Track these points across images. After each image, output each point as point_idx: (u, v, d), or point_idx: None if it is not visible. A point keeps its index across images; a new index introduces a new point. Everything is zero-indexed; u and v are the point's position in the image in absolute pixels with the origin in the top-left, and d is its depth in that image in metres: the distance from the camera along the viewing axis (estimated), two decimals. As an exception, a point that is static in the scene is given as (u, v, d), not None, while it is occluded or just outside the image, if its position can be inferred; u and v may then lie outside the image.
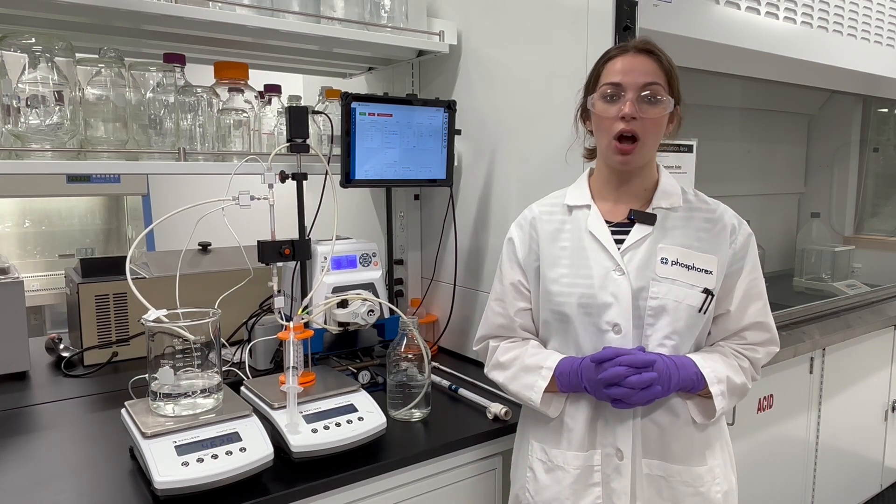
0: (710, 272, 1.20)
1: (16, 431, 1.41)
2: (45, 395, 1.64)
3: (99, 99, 1.41)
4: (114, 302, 1.84)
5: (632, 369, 1.12)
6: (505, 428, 1.43)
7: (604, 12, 1.44)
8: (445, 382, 1.66)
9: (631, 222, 1.24)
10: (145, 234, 1.51)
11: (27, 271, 3.17)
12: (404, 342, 1.46)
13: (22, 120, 1.29)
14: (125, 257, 1.30)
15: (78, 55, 1.39)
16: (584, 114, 1.28)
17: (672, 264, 1.20)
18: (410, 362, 1.44)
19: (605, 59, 1.22)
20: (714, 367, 1.19)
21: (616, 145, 1.18)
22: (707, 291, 1.20)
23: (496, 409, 1.45)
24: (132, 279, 1.22)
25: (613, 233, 1.24)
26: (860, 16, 2.37)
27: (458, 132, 1.80)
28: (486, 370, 1.35)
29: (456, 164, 1.88)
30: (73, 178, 2.94)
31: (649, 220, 1.23)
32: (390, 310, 1.57)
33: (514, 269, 1.32)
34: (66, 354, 1.87)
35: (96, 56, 1.46)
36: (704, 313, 1.20)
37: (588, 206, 1.27)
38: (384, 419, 1.31)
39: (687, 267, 1.20)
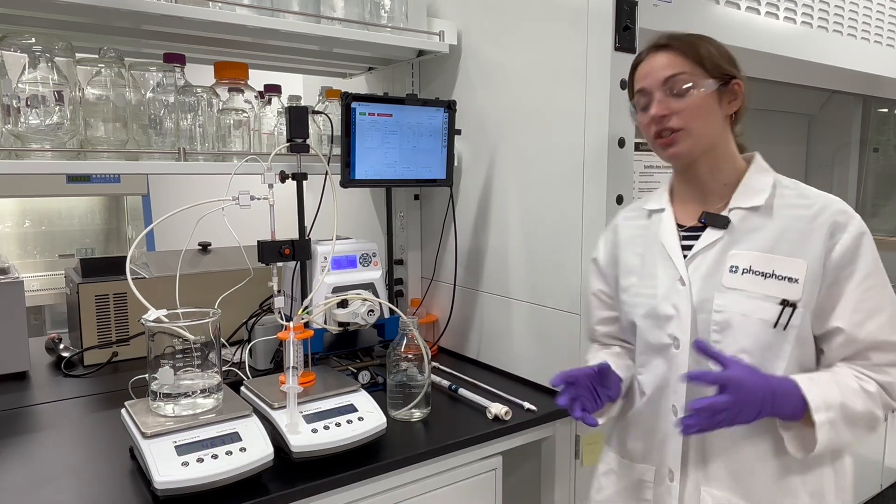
0: (796, 280, 1.03)
1: (16, 431, 1.41)
2: (45, 395, 1.64)
3: (99, 99, 1.41)
4: (114, 302, 1.84)
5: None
6: (505, 428, 1.43)
7: (604, 12, 1.44)
8: (445, 382, 1.66)
9: (704, 226, 1.13)
10: (145, 234, 1.51)
11: (27, 271, 3.17)
12: (404, 342, 1.45)
13: (22, 120, 1.29)
14: (125, 257, 1.30)
15: (78, 55, 1.39)
16: None
17: (744, 273, 1.07)
18: (410, 362, 1.44)
19: (633, 66, 1.19)
20: (823, 391, 0.99)
21: (659, 142, 1.13)
22: (786, 303, 1.03)
23: (496, 409, 1.45)
24: (132, 279, 1.22)
25: (686, 237, 1.15)
26: (860, 16, 2.37)
27: (458, 132, 1.80)
28: None
29: (456, 164, 1.88)
30: (73, 178, 2.93)
31: (721, 223, 1.11)
32: (390, 310, 1.57)
33: (596, 278, 1.32)
34: (66, 354, 1.86)
35: (96, 56, 1.46)
36: (784, 329, 1.03)
37: (663, 210, 1.20)
38: (384, 419, 1.31)
39: (764, 275, 1.05)
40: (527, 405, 1.50)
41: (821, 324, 1.05)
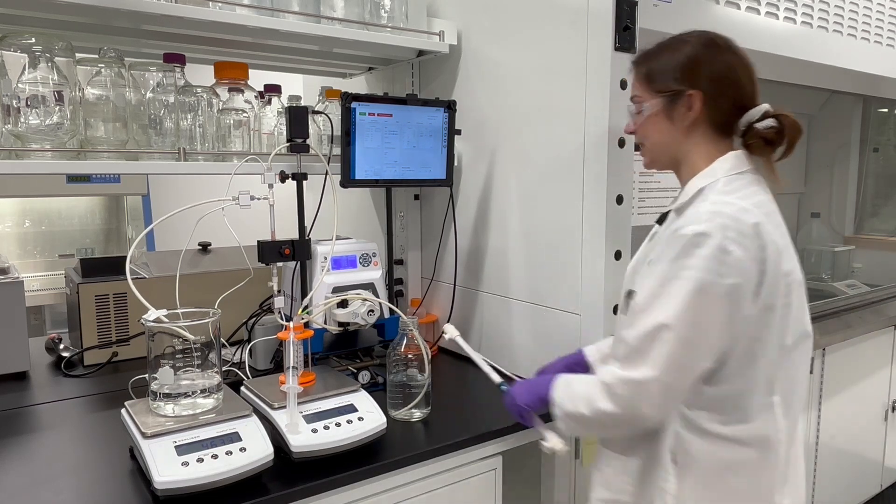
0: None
1: (16, 431, 1.41)
2: (45, 395, 1.64)
3: (99, 99, 1.41)
4: (114, 302, 1.84)
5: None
6: (505, 428, 1.43)
7: (604, 12, 1.44)
8: (496, 378, 1.44)
9: None
10: (145, 234, 1.51)
11: (27, 271, 3.17)
12: (404, 342, 1.45)
13: (22, 120, 1.29)
14: (125, 257, 1.30)
15: (78, 55, 1.39)
16: None
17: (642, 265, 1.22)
18: (410, 362, 1.44)
19: None
20: (567, 394, 1.18)
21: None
22: (631, 293, 1.16)
23: (554, 442, 1.27)
24: (132, 279, 1.22)
25: None
26: (860, 16, 2.37)
27: (458, 132, 1.80)
28: None
29: (456, 164, 1.88)
30: (73, 178, 2.94)
31: (661, 220, 1.25)
32: (390, 310, 1.57)
33: None
34: (66, 354, 1.86)
35: (96, 56, 1.46)
36: (624, 315, 1.18)
37: None
38: (384, 419, 1.31)
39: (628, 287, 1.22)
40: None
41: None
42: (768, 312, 1.08)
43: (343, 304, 1.53)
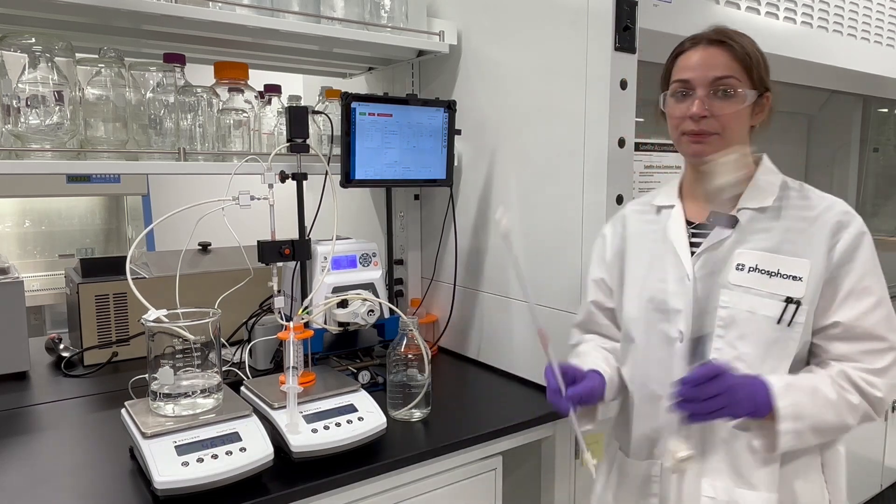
0: (800, 278, 1.06)
1: (16, 431, 1.41)
2: (45, 395, 1.64)
3: (99, 99, 1.41)
4: (114, 302, 1.84)
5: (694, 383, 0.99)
6: (505, 428, 1.43)
7: (604, 12, 1.44)
8: None
9: (712, 224, 1.15)
10: (145, 234, 1.51)
11: (27, 271, 3.17)
12: (404, 342, 1.45)
13: (22, 120, 1.29)
14: (125, 257, 1.30)
15: (78, 55, 1.39)
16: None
17: (750, 271, 1.09)
18: (410, 362, 1.44)
19: (677, 52, 1.17)
20: (797, 400, 1.01)
21: (688, 138, 1.13)
22: (790, 300, 1.05)
23: (675, 446, 1.08)
24: (132, 279, 1.22)
25: (695, 234, 1.17)
26: (860, 16, 2.37)
27: (458, 132, 1.80)
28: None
29: (456, 164, 1.88)
30: (73, 178, 2.94)
31: (730, 222, 1.13)
32: (390, 310, 1.57)
33: (600, 266, 1.32)
34: (66, 354, 1.86)
35: (96, 56, 1.46)
36: (789, 325, 1.06)
37: (672, 207, 1.22)
38: (384, 419, 1.31)
39: (770, 274, 1.08)
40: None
41: (818, 319, 1.08)
42: None
43: (343, 304, 1.53)
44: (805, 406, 1.01)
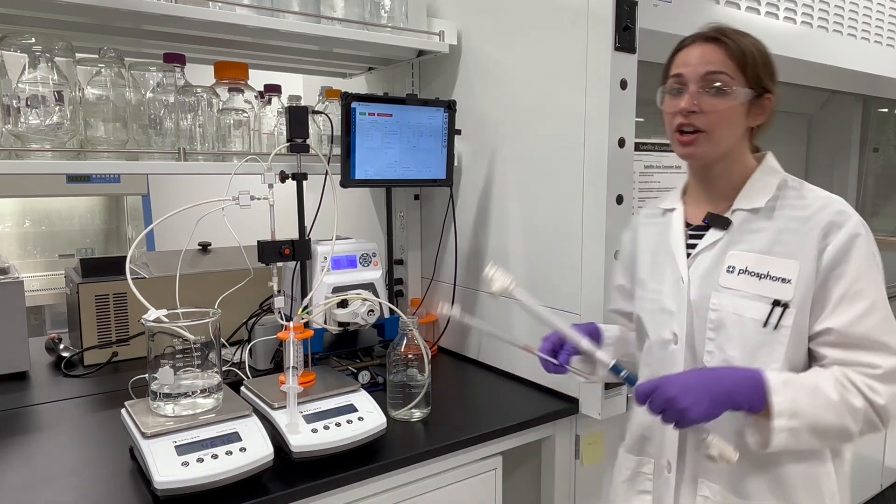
0: (788, 280, 1.04)
1: (16, 431, 1.41)
2: (45, 395, 1.64)
3: (99, 99, 1.41)
4: (114, 302, 1.84)
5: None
6: (505, 428, 1.43)
7: (604, 12, 1.44)
8: (604, 357, 1.17)
9: (708, 226, 1.15)
10: (145, 234, 1.51)
11: (27, 271, 3.17)
12: (404, 342, 1.45)
13: (22, 120, 1.29)
14: (125, 257, 1.30)
15: (78, 55, 1.39)
16: None
17: (740, 273, 1.08)
18: (410, 362, 1.44)
19: (676, 49, 1.17)
20: (794, 397, 0.98)
21: (678, 137, 1.12)
22: (777, 303, 1.04)
23: (720, 446, 1.00)
24: (132, 279, 1.22)
25: (692, 236, 1.17)
26: (860, 16, 2.37)
27: (458, 132, 1.80)
28: None
29: (456, 164, 1.88)
30: (73, 178, 2.94)
31: (722, 224, 1.13)
32: (390, 310, 1.57)
33: (618, 273, 1.38)
34: (66, 354, 1.86)
35: (96, 56, 1.46)
36: (775, 329, 1.04)
37: (674, 210, 1.22)
38: (384, 419, 1.31)
39: (759, 276, 1.06)
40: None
41: (813, 325, 1.05)
42: None
43: (343, 304, 1.53)
44: (803, 404, 0.98)
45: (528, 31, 1.66)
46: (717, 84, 1.08)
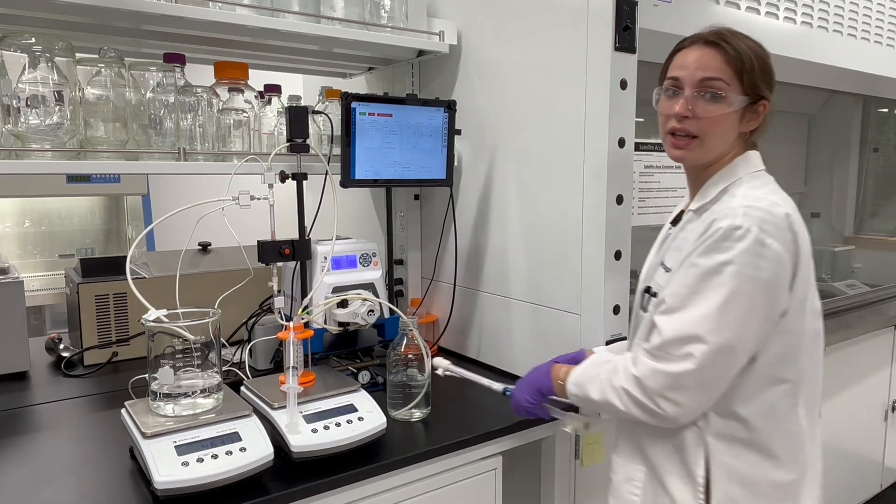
0: (669, 269, 1.15)
1: (16, 431, 1.41)
2: (45, 395, 1.64)
3: (99, 99, 1.41)
4: (114, 302, 1.84)
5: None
6: (505, 428, 1.43)
7: (604, 12, 1.44)
8: (498, 386, 1.44)
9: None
10: (145, 234, 1.51)
11: (27, 271, 3.17)
12: (404, 342, 1.45)
13: (22, 120, 1.29)
14: (125, 257, 1.30)
15: (78, 55, 1.39)
16: None
17: (666, 270, 1.16)
18: (410, 362, 1.44)
19: (675, 49, 1.17)
20: (583, 371, 1.20)
21: (671, 140, 1.15)
22: (649, 290, 1.18)
23: (575, 423, 1.32)
24: (132, 279, 1.22)
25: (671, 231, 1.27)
26: (860, 16, 2.37)
27: (458, 132, 1.80)
28: None
29: (456, 164, 1.88)
30: (73, 178, 2.94)
31: (675, 222, 1.22)
32: (390, 310, 1.57)
33: None
34: (66, 354, 1.86)
35: (96, 56, 1.46)
36: (645, 311, 1.18)
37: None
38: (384, 419, 1.31)
39: (666, 269, 1.17)
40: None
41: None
42: (802, 304, 1.08)
43: (343, 304, 1.53)
44: (582, 378, 1.19)
45: (528, 31, 1.66)
46: (713, 90, 1.09)
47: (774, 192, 1.12)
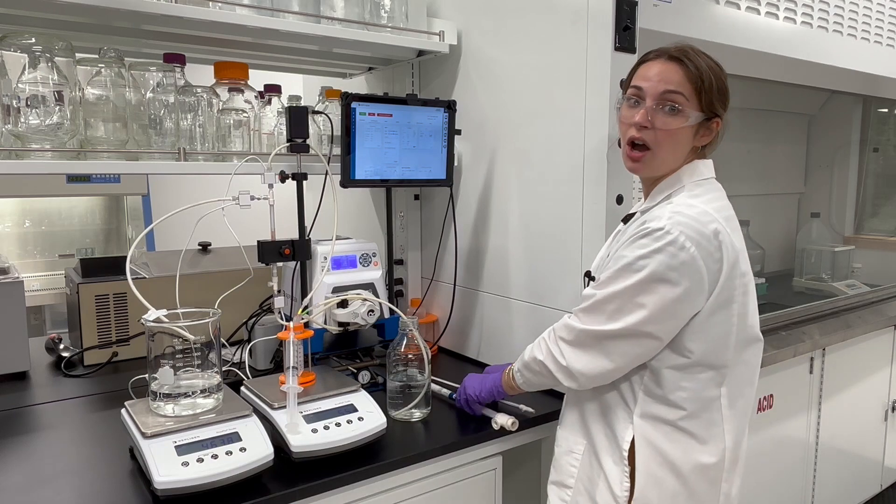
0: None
1: (16, 431, 1.41)
2: (45, 395, 1.64)
3: (99, 99, 1.41)
4: (114, 302, 1.84)
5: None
6: (505, 428, 1.43)
7: (604, 12, 1.44)
8: (445, 392, 1.58)
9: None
10: (145, 234, 1.51)
11: (27, 271, 3.17)
12: (404, 342, 1.45)
13: (22, 120, 1.29)
14: (125, 257, 1.30)
15: (78, 55, 1.39)
16: None
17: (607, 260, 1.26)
18: (410, 362, 1.44)
19: (640, 61, 1.23)
20: (523, 356, 1.31)
21: (627, 150, 1.21)
22: (588, 274, 1.28)
23: (503, 420, 1.41)
24: (132, 279, 1.22)
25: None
26: (860, 16, 2.37)
27: (458, 132, 1.80)
28: None
29: (456, 164, 1.88)
30: (73, 178, 2.94)
31: (625, 219, 1.28)
32: (390, 310, 1.57)
33: None
34: (66, 354, 1.86)
35: (96, 56, 1.46)
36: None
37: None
38: (384, 419, 1.31)
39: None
40: (523, 408, 1.48)
41: None
42: (726, 307, 1.13)
43: (343, 304, 1.53)
44: (525, 360, 1.29)
45: (528, 31, 1.66)
46: (672, 103, 1.15)
47: (712, 200, 1.17)
